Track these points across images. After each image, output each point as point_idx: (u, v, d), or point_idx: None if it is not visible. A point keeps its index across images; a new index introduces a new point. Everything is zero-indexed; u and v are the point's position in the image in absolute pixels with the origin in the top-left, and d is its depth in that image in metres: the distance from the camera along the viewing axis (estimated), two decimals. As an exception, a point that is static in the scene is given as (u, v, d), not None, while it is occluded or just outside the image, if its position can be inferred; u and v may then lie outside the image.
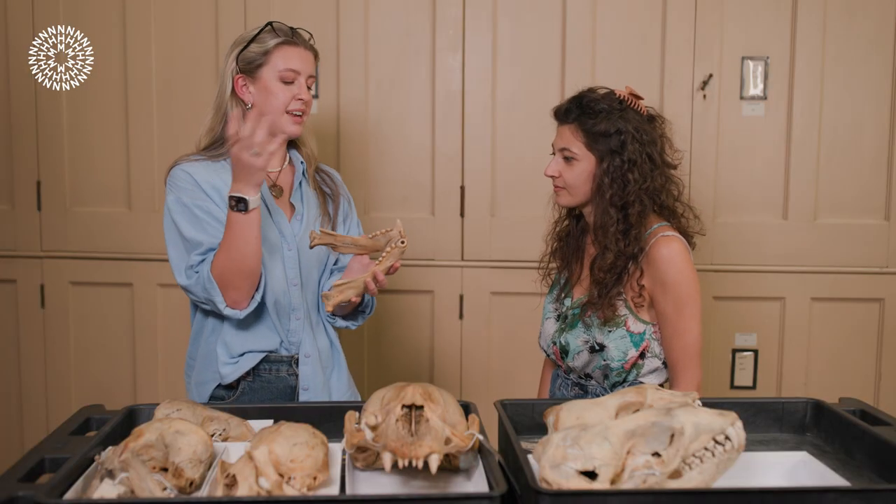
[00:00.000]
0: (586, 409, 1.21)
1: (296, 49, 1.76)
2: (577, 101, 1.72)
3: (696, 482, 1.03)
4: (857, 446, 1.28)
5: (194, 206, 1.70)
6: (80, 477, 1.08)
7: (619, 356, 1.68)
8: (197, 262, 1.67)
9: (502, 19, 2.57)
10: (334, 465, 1.17)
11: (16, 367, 2.76)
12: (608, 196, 1.68)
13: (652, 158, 1.69)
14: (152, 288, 2.68)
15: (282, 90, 1.74)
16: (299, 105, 1.76)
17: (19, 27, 2.64)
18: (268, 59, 1.74)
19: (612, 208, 1.68)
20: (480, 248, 2.62)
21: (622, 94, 1.72)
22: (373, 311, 1.92)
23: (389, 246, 1.64)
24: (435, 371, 2.66)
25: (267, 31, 1.75)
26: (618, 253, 1.67)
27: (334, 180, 1.94)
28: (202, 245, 1.68)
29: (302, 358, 1.80)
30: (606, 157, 1.68)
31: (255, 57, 1.74)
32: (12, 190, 2.71)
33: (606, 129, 1.67)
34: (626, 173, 1.67)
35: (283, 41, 1.75)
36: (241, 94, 1.76)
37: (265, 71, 1.74)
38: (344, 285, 1.62)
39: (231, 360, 1.75)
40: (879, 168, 2.55)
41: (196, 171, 1.74)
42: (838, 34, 2.52)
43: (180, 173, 1.74)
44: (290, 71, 1.74)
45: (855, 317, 2.60)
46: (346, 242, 1.64)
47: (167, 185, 1.75)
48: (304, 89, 1.77)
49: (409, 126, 2.61)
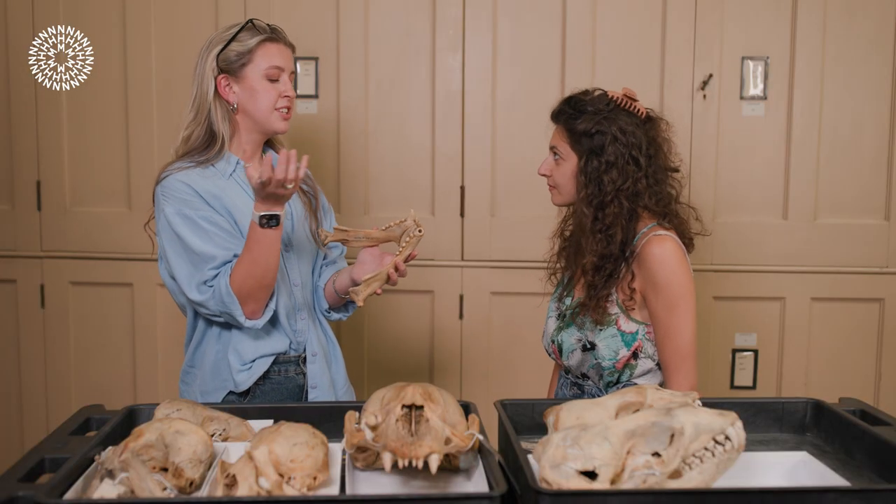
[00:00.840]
0: (586, 409, 1.21)
1: (277, 45, 1.76)
2: (568, 101, 1.74)
3: (696, 482, 1.03)
4: (857, 446, 1.28)
5: (200, 218, 1.67)
6: (80, 477, 1.08)
7: (609, 355, 1.68)
8: (212, 277, 1.64)
9: (502, 19, 2.57)
10: (334, 465, 1.17)
11: (16, 367, 2.76)
12: (583, 195, 1.69)
13: (636, 161, 1.68)
14: (152, 288, 2.68)
15: (268, 88, 1.73)
16: (286, 102, 1.76)
17: (19, 27, 2.64)
18: (251, 57, 1.72)
19: (588, 207, 1.68)
20: (480, 248, 2.62)
21: (616, 95, 1.72)
22: None
23: (408, 236, 1.67)
24: (435, 371, 2.66)
25: (247, 29, 1.73)
26: (599, 254, 1.67)
27: (308, 175, 1.91)
28: (216, 259, 1.65)
29: (309, 357, 1.81)
30: (585, 156, 1.69)
31: (237, 56, 1.72)
32: (12, 190, 2.71)
33: (587, 129, 1.68)
34: (601, 174, 1.67)
35: (266, 38, 1.74)
36: (224, 94, 1.74)
37: (249, 70, 1.72)
38: (371, 279, 1.67)
39: (244, 366, 1.73)
40: (879, 168, 2.55)
41: (193, 180, 1.70)
42: (838, 34, 2.52)
43: (177, 184, 1.69)
44: (275, 68, 1.73)
45: (855, 317, 2.59)
46: (358, 237, 1.68)
47: (162, 196, 1.70)
48: (289, 86, 1.77)
49: (409, 126, 2.61)
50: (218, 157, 1.74)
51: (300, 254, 1.82)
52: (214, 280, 1.64)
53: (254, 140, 1.80)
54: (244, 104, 1.74)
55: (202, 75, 1.74)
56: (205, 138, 1.74)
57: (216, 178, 1.73)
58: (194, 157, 1.74)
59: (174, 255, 1.68)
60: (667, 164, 1.75)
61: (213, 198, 1.71)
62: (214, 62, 1.72)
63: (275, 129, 1.77)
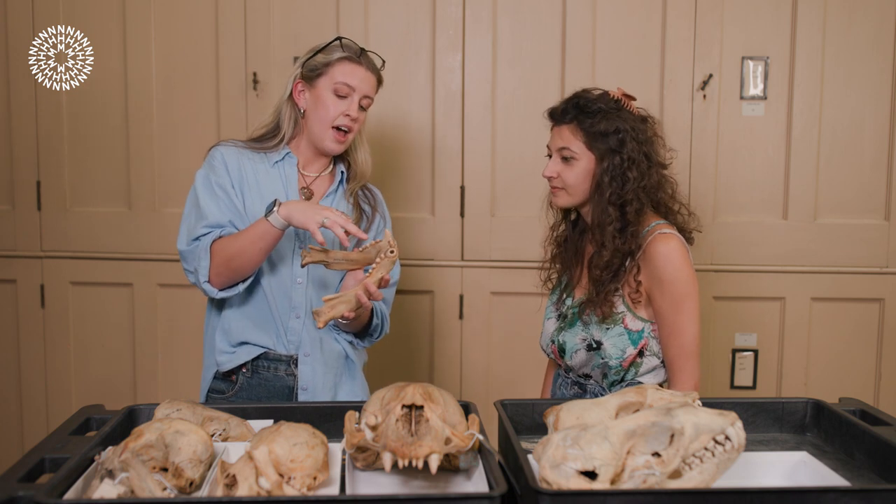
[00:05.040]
0: (586, 409, 1.21)
1: (358, 67, 1.79)
2: (574, 101, 1.74)
3: (696, 482, 1.03)
4: (857, 446, 1.28)
5: (216, 184, 1.77)
6: (80, 477, 1.08)
7: (616, 354, 1.69)
8: (200, 234, 1.73)
9: (502, 19, 2.57)
10: (334, 465, 1.17)
11: (16, 367, 2.76)
12: (607, 194, 1.69)
13: (648, 157, 1.72)
14: (152, 288, 2.68)
15: (333, 103, 1.77)
16: (346, 121, 1.79)
17: (19, 27, 2.64)
18: (328, 69, 1.78)
19: (611, 206, 1.69)
20: (480, 248, 2.62)
21: (615, 94, 1.74)
22: (382, 335, 1.90)
23: (379, 257, 1.63)
24: (435, 371, 2.66)
25: (336, 45, 1.79)
26: (614, 251, 1.69)
27: (376, 199, 1.95)
28: (208, 218, 1.74)
29: (301, 357, 1.80)
30: (606, 155, 1.70)
31: (317, 66, 1.78)
32: (12, 190, 2.71)
33: (606, 128, 1.69)
34: (625, 171, 1.68)
35: (347, 56, 1.78)
36: (297, 98, 1.82)
37: (322, 80, 1.78)
38: (335, 300, 1.59)
39: (230, 348, 1.79)
40: (879, 168, 2.55)
41: (231, 154, 1.81)
42: (838, 34, 2.52)
43: (217, 153, 1.81)
44: (345, 85, 1.77)
45: (855, 317, 2.59)
46: (337, 258, 1.62)
47: (205, 161, 1.83)
48: (354, 107, 1.79)
49: (409, 126, 2.61)
50: (275, 150, 1.84)
51: None
52: (203, 237, 1.73)
53: (310, 150, 1.85)
54: (310, 112, 1.81)
55: (291, 77, 1.83)
56: (270, 130, 1.85)
57: (260, 163, 1.82)
58: (258, 143, 1.85)
59: (187, 209, 1.80)
60: (662, 160, 1.78)
61: (240, 176, 1.79)
62: (300, 67, 1.80)
63: (325, 147, 1.81)
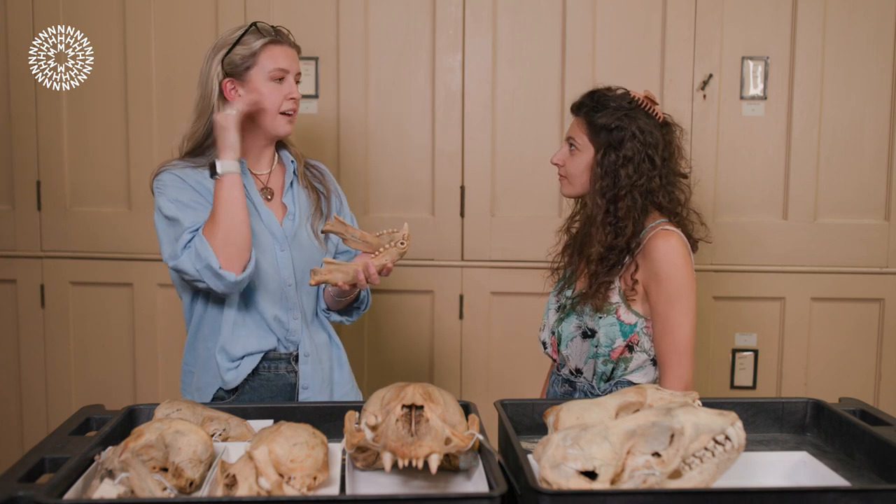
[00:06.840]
0: (586, 409, 1.21)
1: (282, 47, 1.76)
2: (591, 95, 1.78)
3: (696, 482, 1.03)
4: (857, 446, 1.28)
5: (178, 200, 1.70)
6: (80, 477, 1.08)
7: (606, 342, 1.71)
8: (188, 240, 1.66)
9: (502, 19, 2.57)
10: (334, 465, 1.17)
11: (16, 367, 2.76)
12: (598, 186, 1.73)
13: (652, 160, 1.72)
14: (152, 288, 2.68)
15: (273, 91, 1.74)
16: (292, 104, 1.77)
17: (19, 27, 2.64)
18: (256, 59, 1.73)
19: (601, 199, 1.72)
20: (480, 248, 2.62)
21: (638, 95, 1.77)
22: (367, 307, 1.93)
23: (389, 243, 1.65)
24: (435, 371, 2.66)
25: (251, 32, 1.74)
26: (607, 246, 1.71)
27: (324, 175, 1.94)
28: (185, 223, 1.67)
29: (301, 357, 1.80)
30: (604, 149, 1.73)
31: (242, 59, 1.73)
32: (12, 190, 2.70)
33: (608, 123, 1.72)
34: (618, 168, 1.71)
35: (270, 40, 1.74)
36: (230, 98, 1.74)
37: (254, 72, 1.73)
38: (334, 265, 1.63)
39: (232, 364, 1.75)
40: (879, 168, 2.55)
41: (186, 174, 1.75)
42: (838, 34, 2.52)
43: (167, 176, 1.74)
44: (279, 70, 1.74)
45: (855, 317, 2.59)
46: (354, 236, 1.67)
47: (155, 190, 1.75)
48: (294, 88, 1.77)
49: (409, 126, 2.61)
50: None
51: (297, 252, 1.81)
52: (191, 242, 1.65)
53: (258, 144, 1.82)
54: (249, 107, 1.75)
55: (207, 78, 1.75)
56: (202, 139, 1.77)
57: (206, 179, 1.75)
58: (193, 159, 1.78)
59: (162, 233, 1.71)
60: (678, 168, 1.80)
61: (205, 189, 1.73)
62: (220, 66, 1.73)
63: (278, 133, 1.79)
